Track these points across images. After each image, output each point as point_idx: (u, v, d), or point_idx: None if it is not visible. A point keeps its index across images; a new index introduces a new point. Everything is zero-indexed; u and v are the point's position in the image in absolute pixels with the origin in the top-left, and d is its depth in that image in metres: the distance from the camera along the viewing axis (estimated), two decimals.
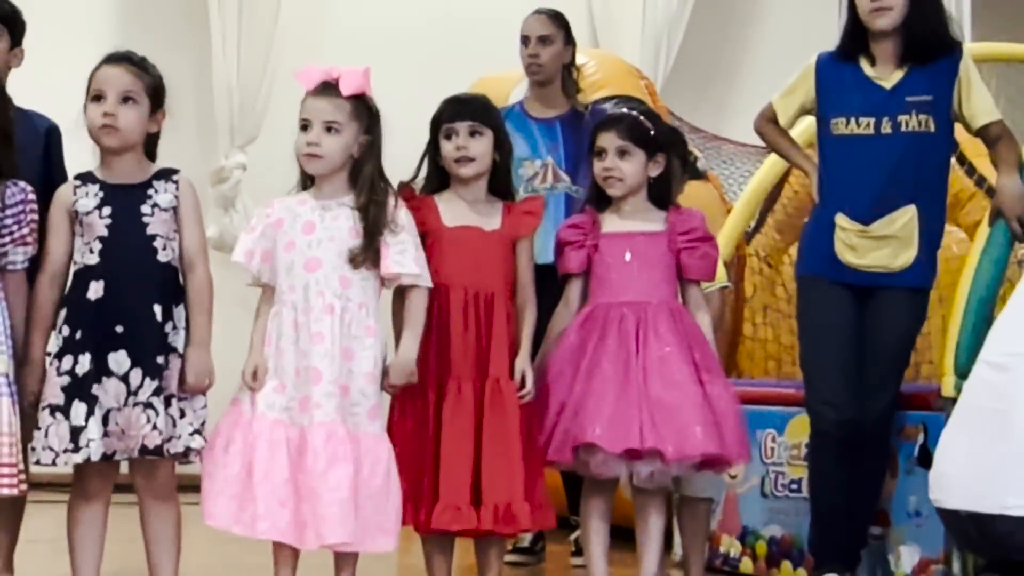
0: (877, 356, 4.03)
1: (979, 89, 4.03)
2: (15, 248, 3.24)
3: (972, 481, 3.26)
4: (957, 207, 5.24)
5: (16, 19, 3.93)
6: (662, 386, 3.60)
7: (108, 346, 3.25)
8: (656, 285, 3.79)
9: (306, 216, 3.49)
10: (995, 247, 4.07)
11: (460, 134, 3.61)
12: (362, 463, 3.36)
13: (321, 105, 3.48)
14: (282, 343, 3.42)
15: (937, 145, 4.04)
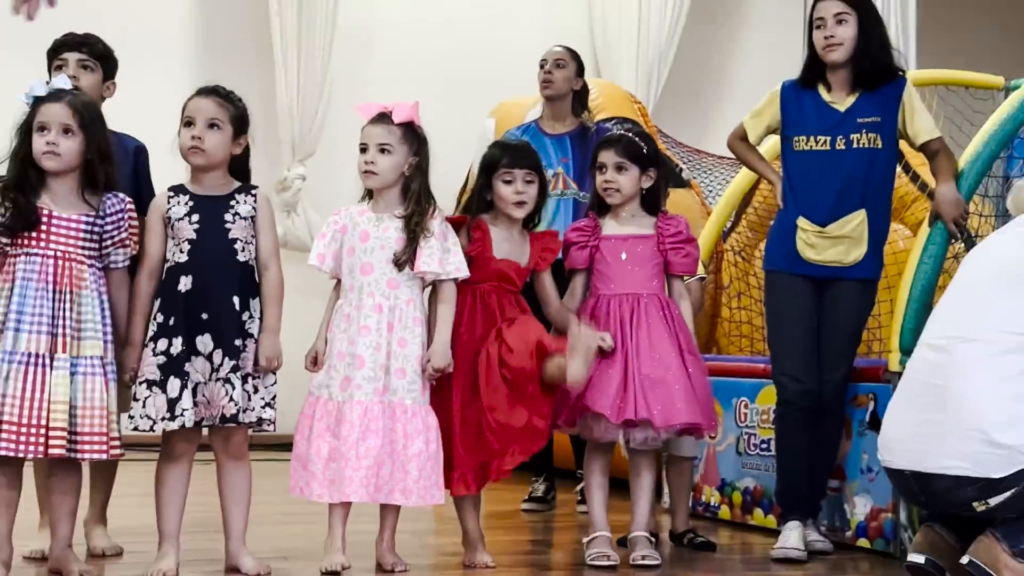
0: (833, 337, 4.04)
1: (920, 111, 4.04)
2: (116, 249, 3.29)
3: (914, 445, 3.24)
4: (903, 208, 5.23)
5: (109, 56, 3.93)
6: (651, 365, 3.66)
7: (196, 330, 3.31)
8: (647, 280, 3.84)
9: (363, 226, 3.55)
10: (934, 244, 4.06)
11: (518, 180, 3.63)
12: (407, 433, 3.43)
13: (376, 131, 3.52)
14: (337, 332, 3.50)
15: (883, 159, 4.04)
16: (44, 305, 3.12)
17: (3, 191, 3.19)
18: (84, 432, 3.11)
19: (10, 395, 3.02)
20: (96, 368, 3.17)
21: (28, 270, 3.15)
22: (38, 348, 3.09)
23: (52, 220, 3.19)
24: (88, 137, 3.22)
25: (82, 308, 3.18)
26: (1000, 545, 3.10)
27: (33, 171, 3.21)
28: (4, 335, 3.09)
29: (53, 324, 3.12)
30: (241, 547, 3.44)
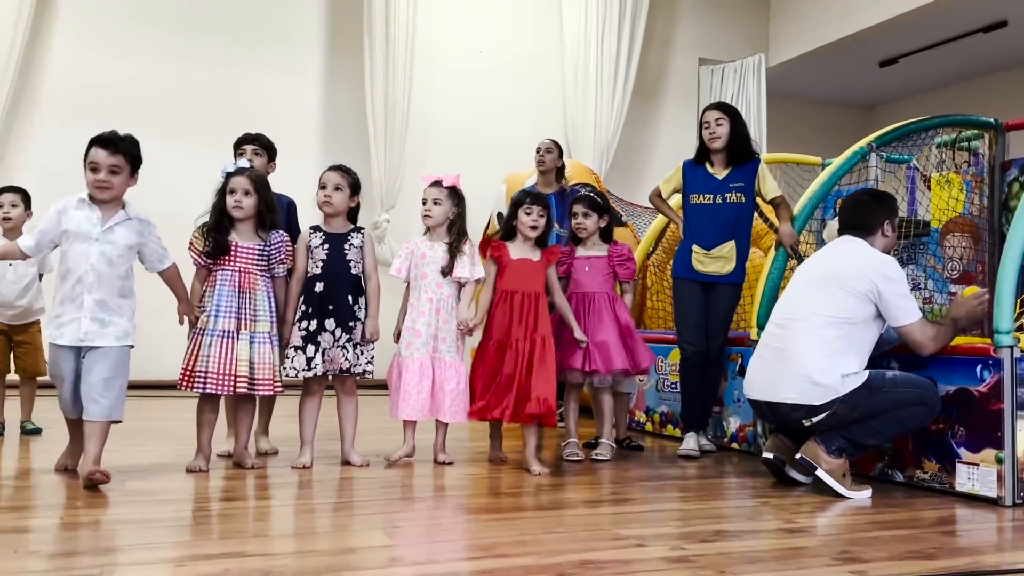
0: (715, 318, 4.02)
1: (769, 178, 4.03)
2: (278, 266, 3.40)
3: (766, 384, 3.25)
4: (758, 239, 5.22)
5: (271, 147, 3.95)
6: (600, 335, 3.79)
7: (325, 316, 3.43)
8: (601, 284, 3.93)
9: (422, 249, 3.64)
10: (778, 261, 4.05)
11: (534, 213, 3.63)
12: (446, 377, 3.53)
13: (432, 191, 3.62)
14: (414, 314, 3.58)
15: (746, 209, 4.01)
16: (232, 301, 3.24)
17: (208, 232, 3.30)
18: (260, 378, 3.24)
19: (213, 356, 3.17)
20: (266, 338, 3.29)
21: (223, 279, 3.26)
22: (229, 327, 3.22)
23: (238, 248, 3.30)
24: (260, 196, 3.34)
25: (257, 302, 3.29)
26: (820, 447, 3.10)
27: (226, 218, 3.33)
28: (209, 319, 3.21)
29: (238, 312, 3.25)
30: (351, 449, 3.50)
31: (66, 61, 6.97)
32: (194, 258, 3.33)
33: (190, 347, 3.23)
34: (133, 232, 3.05)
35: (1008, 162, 4.66)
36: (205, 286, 3.32)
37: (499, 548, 2.24)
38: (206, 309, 3.24)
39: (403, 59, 7.76)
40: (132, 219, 3.05)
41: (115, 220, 3.00)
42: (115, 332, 2.96)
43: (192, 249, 3.34)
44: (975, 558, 2.24)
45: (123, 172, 2.99)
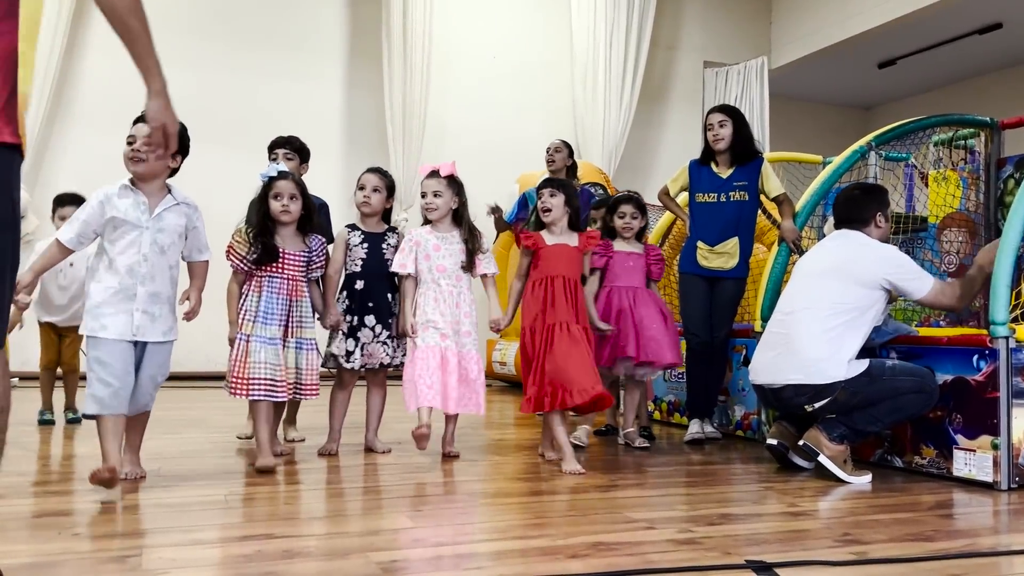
0: (720, 311, 4.02)
1: (772, 177, 4.02)
2: (316, 270, 3.29)
3: (769, 371, 3.25)
4: (762, 235, 5.21)
5: (304, 149, 3.91)
6: (653, 327, 3.78)
7: (365, 312, 3.41)
8: (640, 280, 3.92)
9: (433, 241, 3.41)
10: (781, 256, 4.05)
11: (544, 196, 3.43)
12: (471, 369, 3.37)
13: (431, 183, 3.43)
14: (428, 308, 3.35)
15: (750, 207, 4.01)
16: (282, 308, 3.12)
17: (255, 237, 3.12)
18: (306, 384, 3.15)
19: (263, 363, 3.02)
20: (312, 345, 3.19)
21: (271, 287, 3.12)
22: (277, 335, 3.08)
23: (286, 255, 3.16)
24: (304, 201, 3.21)
25: (303, 309, 3.18)
26: (821, 434, 3.11)
27: (270, 222, 3.16)
28: (256, 324, 3.06)
29: (287, 320, 3.13)
30: (375, 437, 3.52)
31: (101, 71, 7.02)
32: (236, 263, 3.15)
33: (237, 352, 3.05)
34: (182, 217, 2.82)
35: (1003, 159, 4.63)
36: (246, 291, 3.14)
37: (515, 530, 2.25)
38: (248, 313, 3.09)
39: (420, 65, 7.79)
40: (180, 203, 2.81)
41: (164, 205, 2.76)
42: (162, 327, 2.75)
43: (234, 254, 3.15)
44: (972, 540, 2.23)
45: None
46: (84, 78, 7.09)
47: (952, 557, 2.03)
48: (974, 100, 9.59)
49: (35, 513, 2.38)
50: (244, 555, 1.95)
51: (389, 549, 2.03)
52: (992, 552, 2.12)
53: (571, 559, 1.95)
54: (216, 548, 2.03)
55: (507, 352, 6.64)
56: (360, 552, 1.99)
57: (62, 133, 6.99)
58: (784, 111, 10.02)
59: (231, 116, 7.15)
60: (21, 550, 1.96)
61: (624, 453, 3.71)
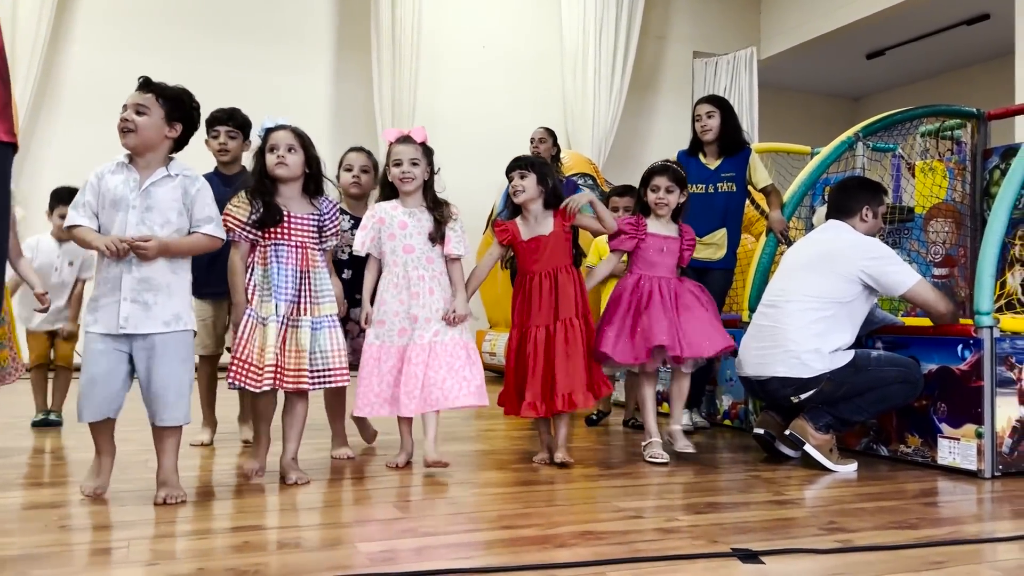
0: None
1: (760, 168, 4.02)
2: (330, 238, 2.79)
3: (756, 362, 3.24)
4: (750, 225, 5.24)
5: (248, 123, 3.46)
6: (693, 318, 3.21)
7: (351, 304, 3.10)
8: (672, 269, 3.36)
9: (400, 218, 2.95)
10: (768, 246, 4.06)
11: (514, 178, 3.14)
12: (455, 356, 2.93)
13: (408, 149, 2.96)
14: (386, 296, 2.94)
15: (737, 198, 4.00)
16: (293, 282, 2.65)
17: (252, 195, 2.68)
18: (333, 368, 2.69)
19: (274, 346, 2.60)
20: (333, 323, 2.72)
21: (278, 256, 2.66)
22: (288, 313, 2.64)
23: (291, 219, 2.69)
24: (308, 154, 2.74)
25: (317, 282, 2.71)
26: (808, 423, 3.11)
27: (268, 181, 2.71)
28: (265, 303, 2.64)
29: (298, 295, 2.66)
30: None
31: (86, 60, 6.99)
32: (236, 229, 2.66)
33: (242, 335, 2.63)
34: (177, 190, 2.44)
35: (989, 150, 4.66)
36: (251, 263, 2.70)
37: (504, 520, 2.26)
38: (257, 289, 2.66)
39: (409, 55, 7.77)
40: (174, 176, 2.45)
41: (153, 179, 2.42)
42: (163, 316, 2.38)
43: (231, 220, 2.66)
44: (956, 528, 2.25)
45: (152, 115, 2.41)
46: (69, 69, 7.04)
47: (936, 544, 2.05)
48: (961, 91, 9.63)
49: (24, 505, 2.38)
50: (232, 546, 1.95)
51: (377, 539, 2.04)
52: (975, 539, 2.14)
53: (559, 548, 1.96)
54: (204, 539, 2.03)
55: (497, 343, 6.64)
56: (349, 543, 2.00)
57: (47, 124, 6.94)
58: (773, 101, 10.04)
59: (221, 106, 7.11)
60: (10, 542, 1.96)
61: (613, 441, 3.72)
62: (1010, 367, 3.00)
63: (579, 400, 3.02)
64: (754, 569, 1.82)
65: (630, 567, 1.81)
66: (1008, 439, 2.99)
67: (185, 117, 2.50)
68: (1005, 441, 2.98)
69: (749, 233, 5.15)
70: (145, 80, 2.49)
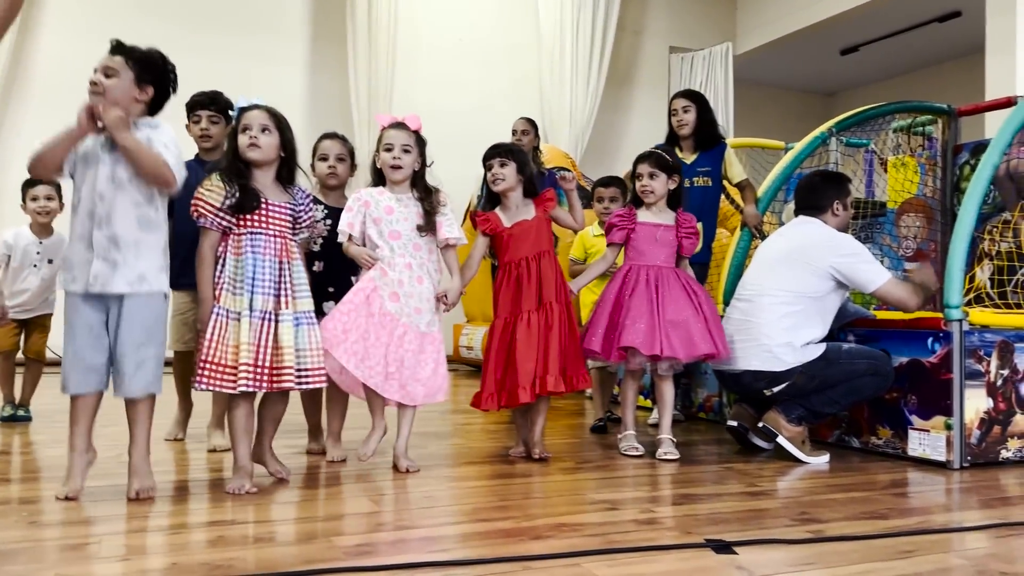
0: None
1: (735, 162, 4.04)
2: (303, 229, 2.64)
3: (731, 355, 3.28)
4: (725, 220, 5.26)
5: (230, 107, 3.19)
6: (680, 313, 3.12)
7: (323, 297, 2.89)
8: (668, 258, 3.27)
9: (386, 203, 2.82)
10: (743, 240, 4.09)
11: (494, 166, 3.07)
12: (427, 352, 2.81)
13: (400, 135, 2.85)
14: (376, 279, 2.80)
15: (713, 192, 4.02)
16: (272, 273, 2.48)
17: (226, 178, 2.50)
18: (311, 368, 2.51)
19: (250, 343, 2.41)
20: (312, 319, 2.55)
21: (255, 246, 2.48)
22: (267, 306, 2.45)
23: (269, 206, 2.53)
24: (283, 136, 2.59)
25: (295, 274, 2.54)
26: (780, 415, 3.15)
27: (241, 164, 2.54)
28: (240, 296, 2.44)
29: (277, 288, 2.48)
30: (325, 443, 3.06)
31: (56, 50, 6.88)
32: (208, 216, 2.47)
33: (214, 332, 2.42)
34: (143, 141, 2.35)
35: (960, 146, 4.72)
36: (224, 252, 2.50)
37: (479, 513, 2.27)
38: (226, 283, 2.46)
39: (385, 47, 7.73)
40: (141, 128, 2.37)
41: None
42: (128, 276, 2.31)
43: (203, 205, 2.47)
44: (925, 518, 2.29)
45: (120, 77, 2.35)
46: (39, 58, 6.93)
47: (905, 534, 2.09)
48: (933, 87, 9.74)
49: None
50: (206, 541, 1.94)
51: (353, 533, 2.04)
52: (944, 529, 2.17)
53: (534, 540, 1.97)
54: (178, 534, 2.02)
55: (474, 337, 6.64)
56: (324, 536, 2.00)
57: (17, 114, 6.83)
58: (748, 97, 10.09)
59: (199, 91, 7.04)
60: None
61: (588, 435, 3.73)
62: (979, 360, 3.05)
63: (550, 384, 2.93)
64: (727, 559, 1.84)
65: (605, 558, 1.83)
66: (976, 431, 3.04)
67: (157, 80, 2.44)
68: (974, 432, 3.03)
69: (724, 227, 5.18)
70: (116, 43, 2.44)
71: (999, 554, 1.94)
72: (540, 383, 2.95)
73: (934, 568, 1.82)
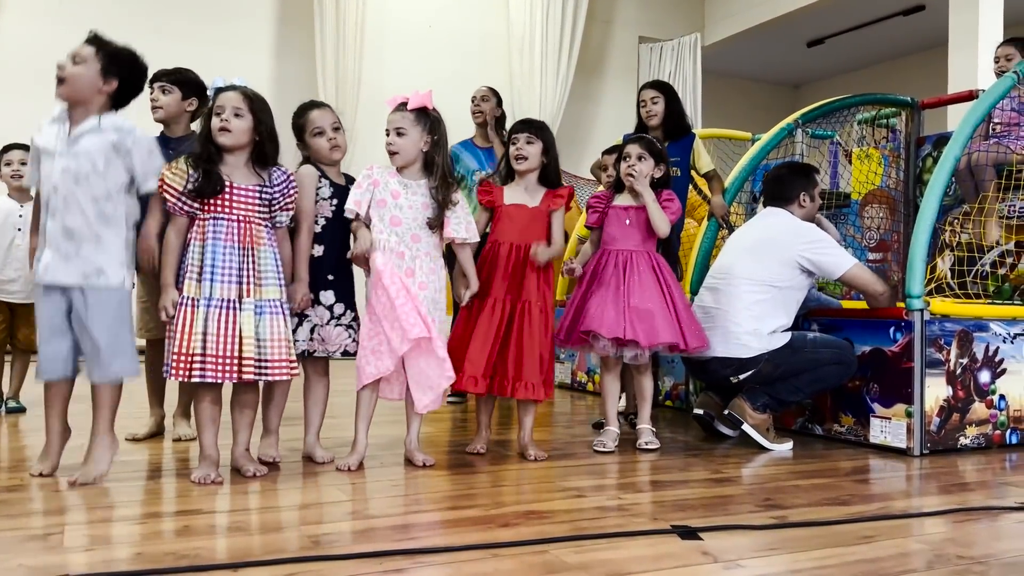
0: None
1: (703, 153, 4.03)
2: (282, 213, 2.55)
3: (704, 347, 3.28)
4: (692, 210, 5.28)
5: (187, 81, 3.17)
6: (645, 300, 3.02)
7: (321, 287, 2.74)
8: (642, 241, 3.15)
9: (393, 186, 2.69)
10: (710, 231, 4.13)
11: (519, 141, 2.94)
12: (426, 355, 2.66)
13: (394, 117, 2.73)
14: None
15: (681, 182, 3.91)
16: (232, 260, 2.41)
17: (193, 162, 2.44)
18: (273, 359, 2.43)
19: (212, 333, 2.35)
20: (276, 307, 2.46)
21: (217, 231, 2.41)
22: (228, 295, 2.39)
23: (233, 190, 2.45)
24: (257, 120, 2.50)
25: (261, 261, 2.46)
26: (746, 403, 3.19)
27: (212, 147, 2.47)
28: (202, 284, 2.38)
29: (240, 275, 2.42)
30: (315, 442, 2.83)
31: (17, 33, 6.73)
32: (171, 201, 2.42)
33: (179, 321, 2.36)
34: (106, 142, 2.38)
35: (922, 138, 4.80)
36: (190, 238, 2.44)
37: (449, 501, 2.27)
38: (190, 270, 2.40)
39: (353, 32, 7.66)
40: (106, 128, 2.40)
41: (82, 129, 2.39)
42: (81, 268, 2.33)
43: (167, 188, 2.42)
44: (885, 504, 2.34)
45: (87, 66, 2.39)
46: (2, 41, 6.78)
47: (866, 520, 2.13)
48: (897, 80, 9.89)
49: None
50: (172, 530, 1.93)
51: (321, 522, 2.03)
52: (904, 515, 2.22)
53: (502, 528, 1.98)
54: (143, 524, 2.00)
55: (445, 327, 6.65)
56: (292, 526, 1.99)
57: None
58: (716, 88, 10.16)
59: None
60: None
61: (557, 422, 3.75)
62: (939, 349, 3.11)
63: (540, 393, 2.85)
64: (693, 545, 1.86)
65: (572, 545, 1.84)
66: (936, 418, 3.10)
67: (123, 74, 2.46)
68: (933, 420, 3.10)
69: (691, 218, 5.21)
70: (93, 35, 2.47)
71: (956, 539, 1.98)
72: (529, 388, 2.82)
73: (894, 552, 1.86)
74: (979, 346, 3.20)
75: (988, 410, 3.22)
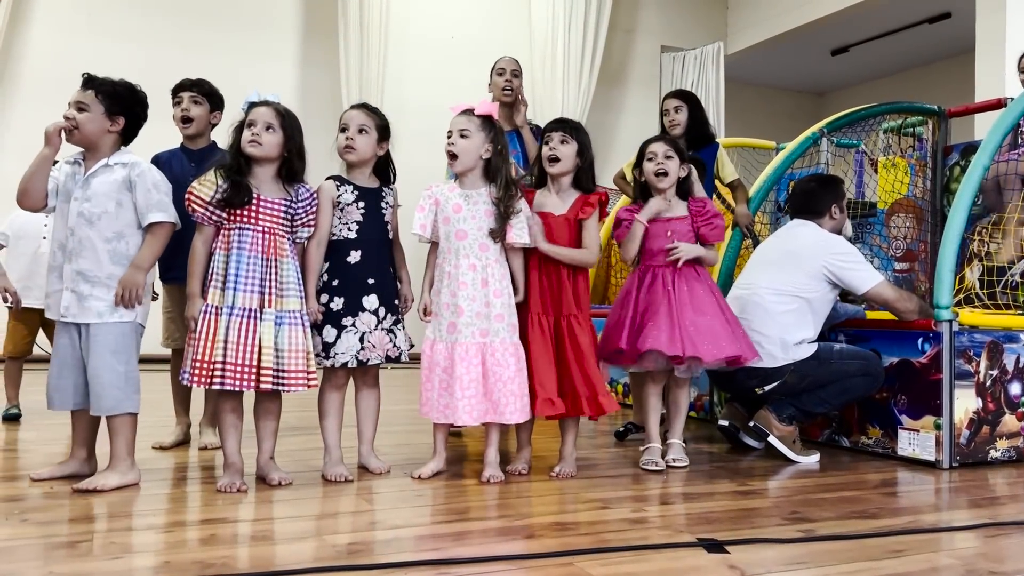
0: None
1: (727, 162, 4.03)
2: (304, 229, 2.59)
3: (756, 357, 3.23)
4: None
5: (214, 94, 3.25)
6: (702, 315, 2.91)
7: (364, 293, 2.69)
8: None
9: (454, 200, 2.70)
10: (734, 240, 4.11)
11: (553, 141, 2.81)
12: (504, 364, 2.65)
13: (459, 120, 2.71)
14: (439, 286, 2.71)
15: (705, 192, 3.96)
16: (255, 270, 2.45)
17: (221, 174, 2.48)
18: (290, 370, 2.46)
19: (232, 342, 2.39)
20: (296, 319, 2.49)
21: (242, 241, 2.46)
22: (250, 304, 2.43)
23: (260, 202, 2.49)
24: (287, 136, 2.54)
25: (283, 272, 2.50)
26: (771, 415, 3.17)
27: (243, 160, 2.51)
28: (225, 293, 2.43)
29: (262, 285, 2.46)
30: (370, 451, 2.81)
31: (46, 45, 6.85)
32: (199, 211, 2.47)
33: (202, 328, 2.41)
34: (116, 179, 2.47)
35: (950, 147, 4.75)
36: (215, 248, 2.48)
37: (473, 512, 2.27)
38: (215, 279, 2.45)
39: (377, 42, 7.71)
40: (114, 165, 2.49)
41: (93, 169, 2.49)
42: (97, 307, 2.44)
43: (194, 199, 2.47)
44: (914, 517, 2.31)
45: (92, 111, 2.49)
46: (29, 52, 6.89)
47: (895, 534, 2.10)
48: (923, 88, 9.79)
49: None
50: (199, 539, 1.94)
51: (347, 532, 2.04)
52: (933, 528, 2.19)
53: (528, 539, 1.97)
54: (171, 532, 2.01)
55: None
56: (317, 535, 2.00)
57: (6, 109, 6.78)
58: (739, 96, 10.12)
59: None
60: None
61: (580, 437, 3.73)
62: (968, 360, 3.07)
63: (614, 404, 2.77)
64: (719, 558, 1.85)
65: (598, 558, 1.83)
66: (965, 430, 3.06)
67: (126, 110, 2.56)
68: (963, 432, 3.06)
69: None
70: (87, 77, 2.56)
71: (988, 553, 1.95)
72: (592, 403, 2.74)
73: (924, 567, 1.83)
74: (1009, 357, 3.15)
75: (1019, 422, 3.17)
